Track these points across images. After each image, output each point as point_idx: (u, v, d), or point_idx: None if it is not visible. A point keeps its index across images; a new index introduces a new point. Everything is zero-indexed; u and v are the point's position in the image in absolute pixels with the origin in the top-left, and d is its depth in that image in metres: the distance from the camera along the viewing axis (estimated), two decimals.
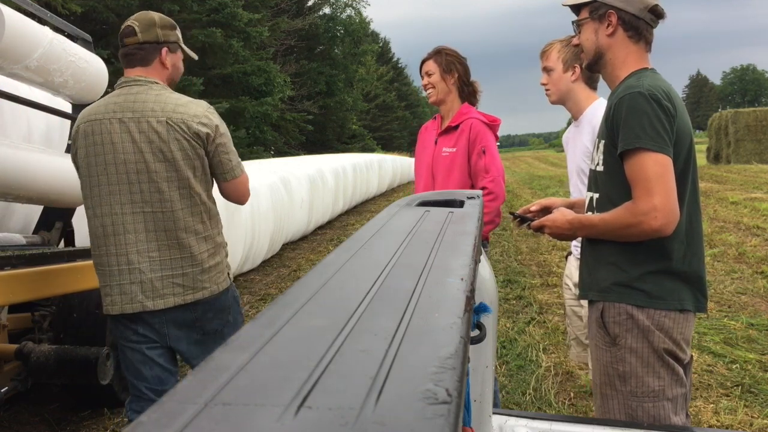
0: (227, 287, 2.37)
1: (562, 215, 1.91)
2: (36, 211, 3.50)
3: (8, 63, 2.58)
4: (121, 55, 2.32)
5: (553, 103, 2.66)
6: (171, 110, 2.21)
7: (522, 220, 2.08)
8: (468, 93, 2.99)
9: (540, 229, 1.96)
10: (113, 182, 2.18)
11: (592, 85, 2.58)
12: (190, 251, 2.23)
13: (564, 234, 1.92)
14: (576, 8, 1.96)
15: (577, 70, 2.53)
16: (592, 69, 1.99)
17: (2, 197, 2.85)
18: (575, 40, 2.00)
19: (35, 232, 3.47)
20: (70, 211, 3.48)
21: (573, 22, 1.99)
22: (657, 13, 1.84)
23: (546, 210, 2.09)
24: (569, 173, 2.72)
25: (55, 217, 3.47)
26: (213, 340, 2.33)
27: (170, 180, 2.20)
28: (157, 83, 2.26)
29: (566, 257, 2.97)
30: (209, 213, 2.30)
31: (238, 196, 2.39)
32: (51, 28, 3.04)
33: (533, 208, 2.12)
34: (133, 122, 2.18)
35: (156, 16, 2.34)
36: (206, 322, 2.31)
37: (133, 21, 2.30)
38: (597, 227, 1.82)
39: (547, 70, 2.61)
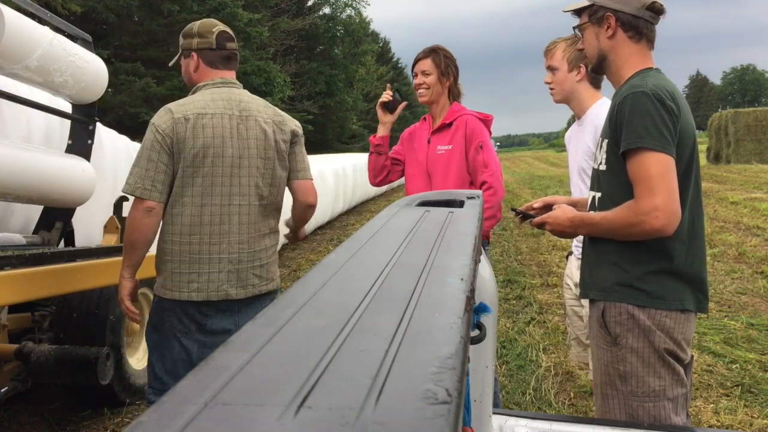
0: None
1: (563, 212, 1.91)
2: (36, 211, 3.49)
3: (8, 63, 2.58)
4: (221, 56, 2.45)
5: (556, 102, 2.64)
6: (273, 113, 2.46)
7: (524, 216, 2.09)
8: (455, 94, 2.98)
9: (541, 226, 1.96)
10: (217, 174, 2.31)
11: (596, 84, 2.57)
12: (265, 244, 2.43)
13: (565, 231, 1.93)
14: (577, 13, 1.97)
15: (582, 70, 2.52)
16: (598, 72, 1.99)
17: (2, 197, 2.84)
18: (580, 45, 2.01)
19: (35, 232, 3.47)
20: (70, 211, 3.48)
21: (574, 27, 1.99)
22: (656, 10, 1.84)
23: (548, 207, 2.09)
24: (570, 172, 2.71)
25: (55, 217, 3.46)
26: None
27: (265, 176, 2.40)
28: (243, 88, 2.50)
29: (567, 257, 2.97)
30: (279, 210, 2.54)
31: (309, 194, 2.60)
32: (51, 28, 3.04)
33: (536, 205, 2.12)
34: (243, 120, 2.36)
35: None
36: None
37: (227, 29, 2.49)
38: (598, 225, 1.82)
39: (551, 69, 2.59)
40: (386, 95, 3.00)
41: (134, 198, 2.29)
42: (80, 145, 3.51)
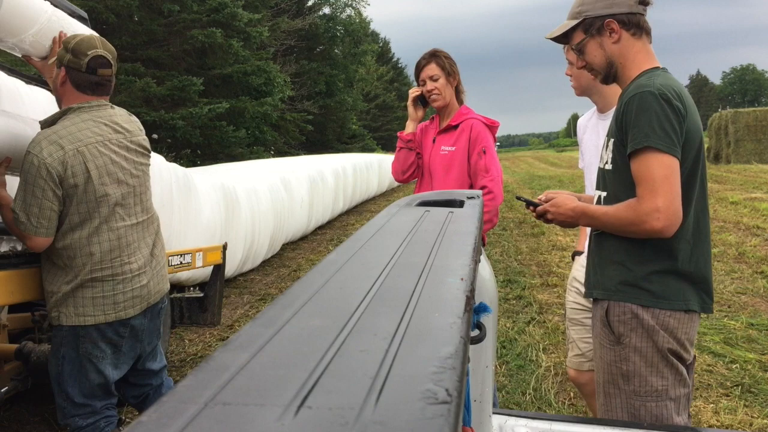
0: None
1: (564, 202, 1.91)
2: None
3: (6, 35, 2.54)
4: (89, 81, 2.36)
5: (578, 95, 2.59)
6: (142, 129, 2.58)
7: (528, 203, 2.09)
8: (458, 92, 3.01)
9: (543, 215, 1.97)
10: (117, 194, 2.37)
11: None
12: (163, 249, 2.61)
13: (566, 221, 1.94)
14: (564, 36, 1.95)
15: None
16: (608, 81, 1.96)
17: None
18: (579, 64, 1.98)
19: None
20: None
21: (573, 48, 1.96)
22: (645, 2, 1.86)
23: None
24: (589, 166, 2.62)
25: None
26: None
27: (149, 189, 2.58)
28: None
29: (573, 257, 2.91)
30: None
31: None
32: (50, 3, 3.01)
33: (541, 197, 2.12)
34: (128, 140, 2.45)
35: (112, 47, 2.48)
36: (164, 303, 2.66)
37: (105, 52, 2.39)
38: (599, 219, 1.83)
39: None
40: (416, 90, 3.00)
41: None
42: None
